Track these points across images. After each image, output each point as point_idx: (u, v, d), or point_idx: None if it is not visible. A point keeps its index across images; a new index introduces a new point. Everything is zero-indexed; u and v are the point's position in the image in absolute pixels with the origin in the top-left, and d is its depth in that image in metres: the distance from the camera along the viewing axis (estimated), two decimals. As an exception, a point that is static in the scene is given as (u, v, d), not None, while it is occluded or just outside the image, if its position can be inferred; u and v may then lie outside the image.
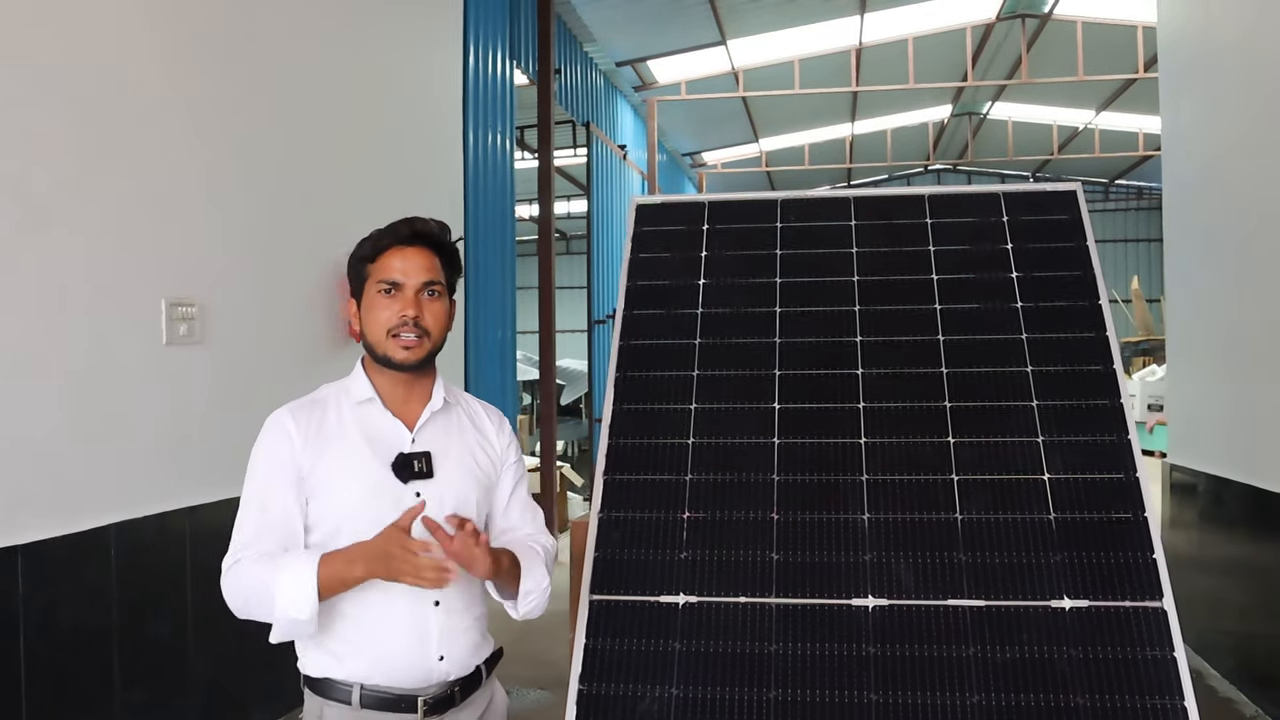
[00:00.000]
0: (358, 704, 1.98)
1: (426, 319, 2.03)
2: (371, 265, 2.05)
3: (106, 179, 3.87)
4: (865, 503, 2.62)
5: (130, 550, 3.89)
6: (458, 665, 2.05)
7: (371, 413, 2.07)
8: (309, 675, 2.06)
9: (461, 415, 2.19)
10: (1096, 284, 2.95)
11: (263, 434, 2.06)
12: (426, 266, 2.05)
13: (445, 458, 2.08)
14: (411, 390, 2.10)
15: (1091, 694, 2.32)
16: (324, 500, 2.00)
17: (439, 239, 2.10)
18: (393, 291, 2.02)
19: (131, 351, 3.96)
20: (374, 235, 2.08)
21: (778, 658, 2.43)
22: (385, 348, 2.02)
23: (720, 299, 3.04)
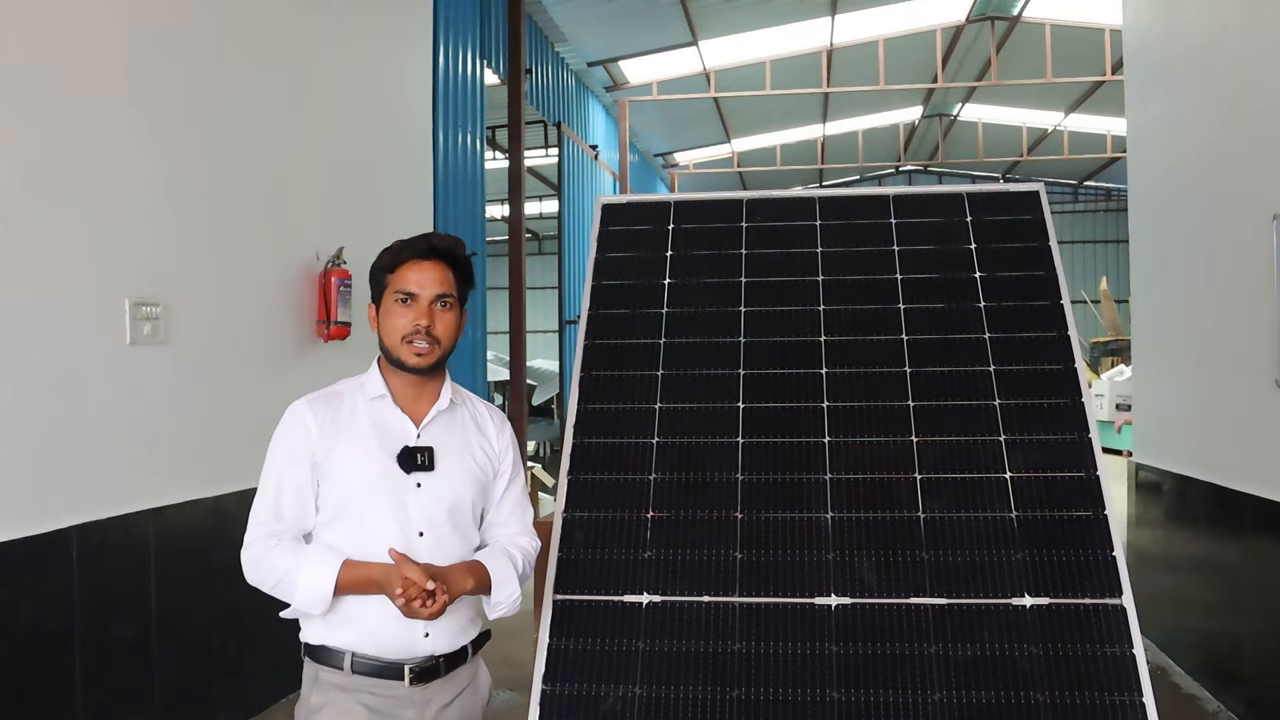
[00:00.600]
0: (349, 669, 2.17)
1: (438, 328, 2.22)
2: (390, 275, 2.25)
3: (70, 179, 3.82)
4: (829, 502, 2.63)
5: (92, 552, 3.85)
6: (443, 642, 2.21)
7: (382, 408, 2.25)
8: (308, 643, 2.24)
9: (466, 416, 2.36)
10: (1059, 284, 2.97)
11: (283, 422, 2.25)
12: (440, 280, 2.23)
13: (447, 454, 2.25)
14: (421, 390, 2.28)
15: (1052, 691, 2.34)
16: (333, 483, 2.18)
17: (454, 254, 2.28)
18: (408, 301, 2.21)
19: (95, 351, 3.92)
20: (395, 247, 2.27)
21: (741, 657, 2.43)
22: (399, 352, 2.22)
23: (685, 299, 3.04)
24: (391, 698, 2.17)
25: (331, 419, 2.22)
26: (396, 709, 2.17)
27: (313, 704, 2.21)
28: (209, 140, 4.62)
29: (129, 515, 4.06)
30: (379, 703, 2.17)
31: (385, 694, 2.17)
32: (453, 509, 2.23)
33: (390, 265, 2.25)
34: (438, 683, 2.21)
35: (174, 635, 4.28)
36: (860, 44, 12.79)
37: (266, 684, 4.99)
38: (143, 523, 4.14)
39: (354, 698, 2.17)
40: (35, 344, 3.64)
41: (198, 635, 4.47)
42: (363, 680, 2.16)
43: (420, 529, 2.19)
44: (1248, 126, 4.82)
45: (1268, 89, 4.60)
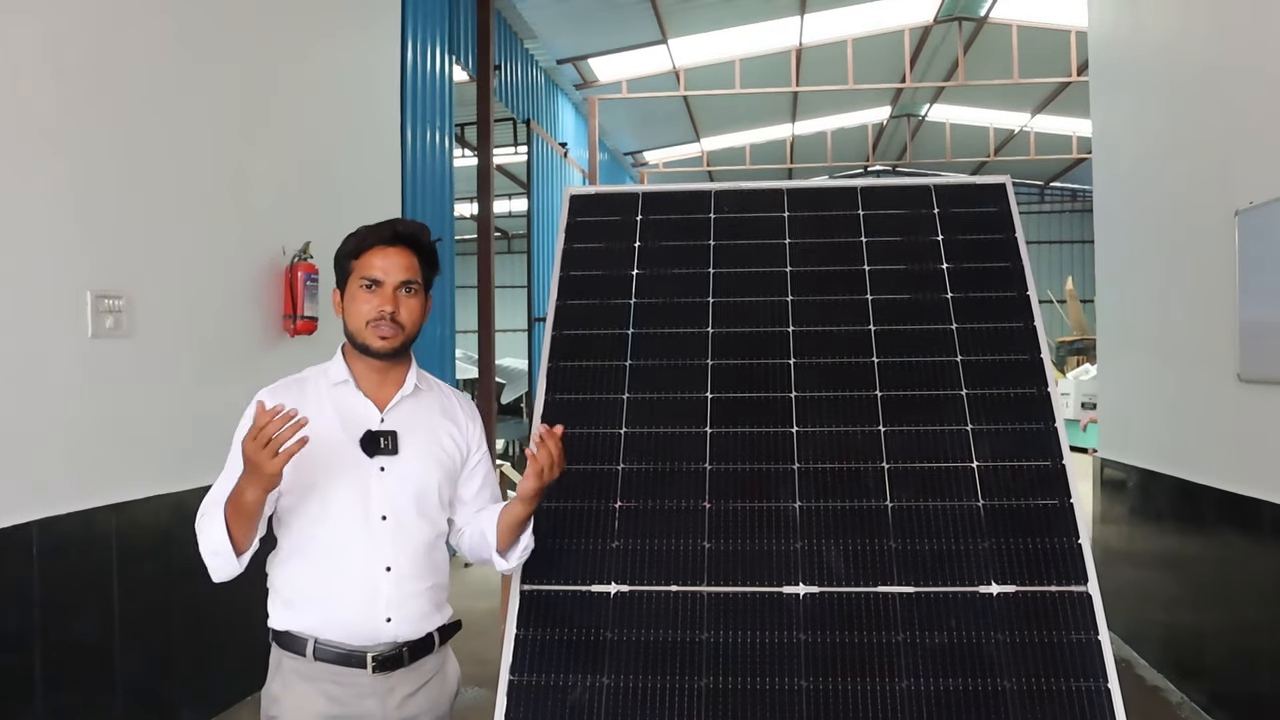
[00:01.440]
0: (311, 656, 2.15)
1: (402, 314, 2.21)
2: (355, 261, 2.23)
3: (31, 168, 3.77)
4: (796, 491, 2.63)
5: (53, 549, 3.79)
6: (406, 629, 2.19)
7: (346, 393, 2.25)
8: (274, 629, 2.23)
9: (433, 402, 2.35)
10: (1025, 275, 2.99)
11: (247, 412, 2.22)
12: (405, 266, 2.22)
13: (411, 438, 2.24)
14: (386, 376, 2.27)
15: (1018, 677, 2.34)
16: (295, 467, 2.09)
17: (419, 240, 2.27)
18: (373, 287, 2.20)
19: (56, 344, 3.86)
20: (360, 233, 2.26)
21: (709, 646, 2.43)
22: (363, 336, 2.21)
23: (653, 289, 3.03)
24: (353, 686, 2.15)
25: (295, 405, 2.16)
26: (357, 699, 2.16)
27: (274, 692, 2.21)
28: (172, 133, 4.56)
29: (91, 510, 4.01)
30: (340, 692, 2.15)
31: (347, 682, 2.15)
32: (417, 493, 2.22)
33: (355, 251, 2.24)
34: (401, 672, 2.19)
35: (137, 633, 4.23)
36: (829, 44, 12.84)
37: (230, 682, 4.93)
38: (105, 519, 4.08)
39: (315, 687, 2.15)
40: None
41: (161, 633, 4.41)
42: (325, 668, 2.15)
43: (383, 513, 2.18)
44: (1211, 124, 4.87)
45: (1230, 87, 4.66)
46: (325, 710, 2.15)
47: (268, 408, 2.12)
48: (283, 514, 2.23)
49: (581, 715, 2.36)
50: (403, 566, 2.19)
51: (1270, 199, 4.19)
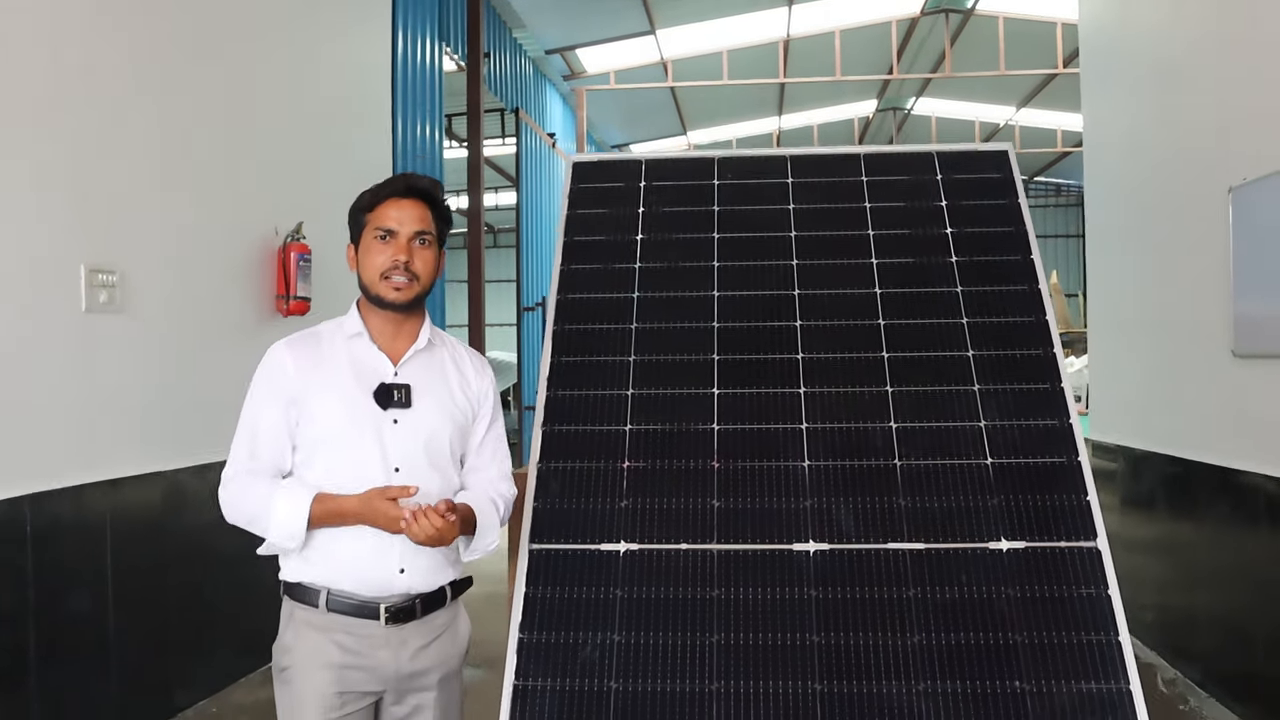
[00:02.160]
0: (324, 607, 2.16)
1: (416, 264, 2.22)
2: (369, 214, 2.24)
3: (25, 142, 3.74)
4: (805, 450, 2.62)
5: (46, 524, 3.75)
6: (419, 580, 2.19)
7: (360, 346, 2.25)
8: (286, 581, 2.23)
9: (445, 357, 2.36)
10: (1028, 239, 2.99)
11: (262, 364, 2.25)
12: (419, 217, 2.24)
13: (425, 392, 2.24)
14: (400, 329, 2.28)
15: (1029, 631, 2.35)
16: (310, 420, 2.18)
17: (432, 193, 2.29)
18: (387, 238, 2.21)
19: (49, 317, 3.83)
20: (373, 188, 2.27)
21: (720, 602, 2.42)
22: (378, 288, 2.21)
23: (658, 254, 3.03)
24: (366, 637, 2.15)
25: (309, 358, 2.23)
26: (371, 649, 2.16)
27: (286, 642, 2.21)
28: (164, 112, 4.53)
29: (84, 486, 3.97)
30: (354, 642, 2.15)
31: (360, 633, 2.15)
32: (430, 446, 2.22)
33: (369, 204, 2.26)
34: (414, 624, 2.19)
35: (130, 611, 4.19)
36: (816, 35, 12.85)
37: (225, 663, 4.90)
38: (98, 495, 4.04)
39: (328, 637, 2.15)
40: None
41: (155, 611, 4.38)
42: (338, 619, 2.15)
43: (396, 464, 2.18)
44: (1204, 103, 4.89)
45: (1223, 65, 4.68)
46: (339, 660, 2.14)
47: (282, 361, 2.23)
48: (297, 466, 2.22)
49: (592, 672, 2.36)
50: None
51: (1264, 174, 4.21)
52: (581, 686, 2.34)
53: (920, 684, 2.29)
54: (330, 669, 2.14)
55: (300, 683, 2.15)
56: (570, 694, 2.33)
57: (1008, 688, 2.28)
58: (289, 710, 2.19)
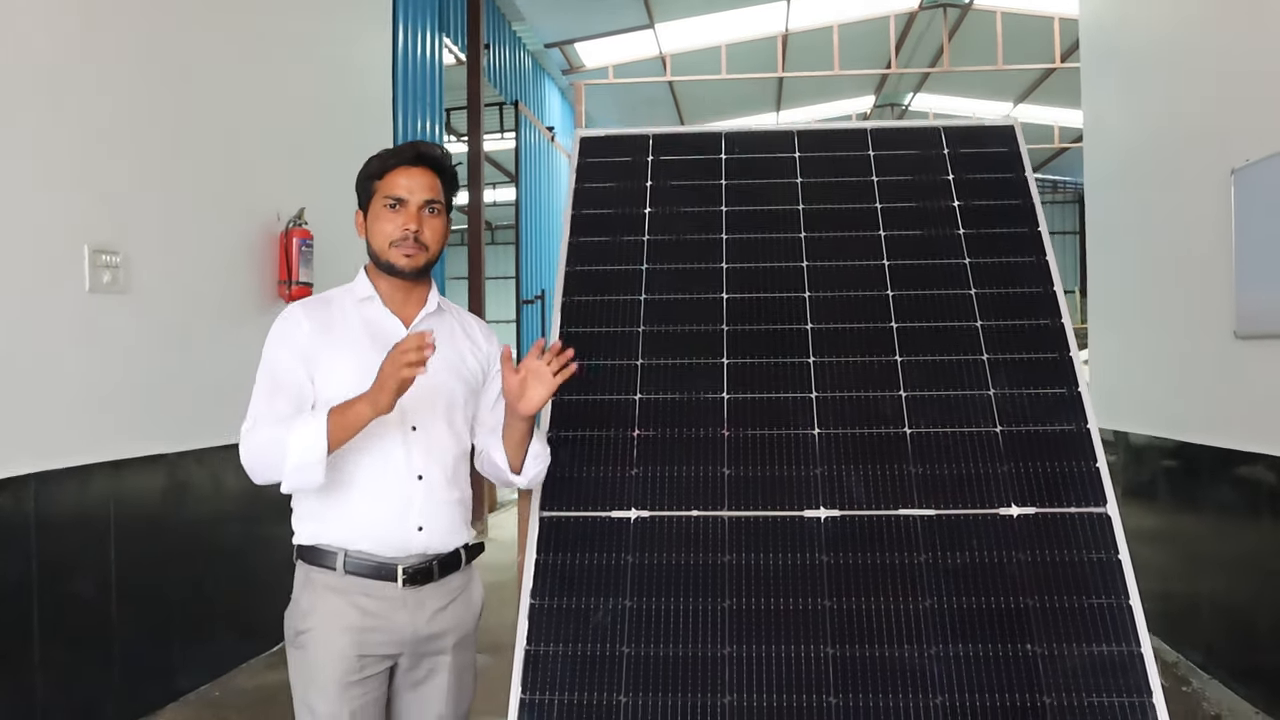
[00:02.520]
0: (342, 569, 2.14)
1: (425, 233, 2.23)
2: (378, 182, 2.24)
3: (30, 121, 3.73)
4: (815, 419, 2.63)
5: (50, 503, 3.75)
6: (436, 540, 2.20)
7: (372, 309, 2.27)
8: (301, 545, 2.22)
9: (453, 322, 2.38)
10: (1035, 212, 3.00)
11: (277, 324, 2.25)
12: (428, 186, 2.24)
13: (436, 354, 2.16)
14: (409, 295, 2.29)
15: (1040, 595, 2.35)
16: (326, 382, 2.17)
17: (441, 162, 2.29)
18: (396, 207, 2.21)
19: (54, 297, 3.83)
20: (382, 155, 2.27)
21: (731, 568, 2.42)
22: (388, 255, 2.22)
23: (666, 227, 3.03)
24: (384, 599, 2.15)
25: (323, 321, 2.23)
26: (389, 611, 2.15)
27: (303, 607, 2.18)
28: (169, 96, 4.54)
29: (88, 466, 3.97)
30: (373, 605, 2.15)
31: (378, 595, 2.15)
32: (445, 406, 2.24)
33: (378, 172, 2.25)
34: (430, 586, 2.20)
35: (133, 594, 4.19)
36: (815, 30, 12.85)
37: (227, 648, 4.90)
38: (102, 476, 4.04)
39: (347, 599, 2.14)
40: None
41: (157, 594, 4.38)
42: (356, 581, 2.14)
43: (413, 424, 2.19)
44: (1206, 87, 4.90)
45: (1227, 49, 4.69)
46: (358, 623, 2.14)
47: (301, 320, 2.22)
48: None
49: (605, 637, 2.36)
50: (434, 476, 2.20)
51: (1266, 155, 4.22)
52: (594, 651, 2.34)
53: (932, 647, 2.30)
54: (350, 632, 2.13)
55: (319, 646, 2.13)
56: (582, 658, 2.33)
57: (1019, 650, 2.29)
58: (307, 675, 2.16)
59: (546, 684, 2.31)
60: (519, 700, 2.29)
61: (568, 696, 2.30)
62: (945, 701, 2.23)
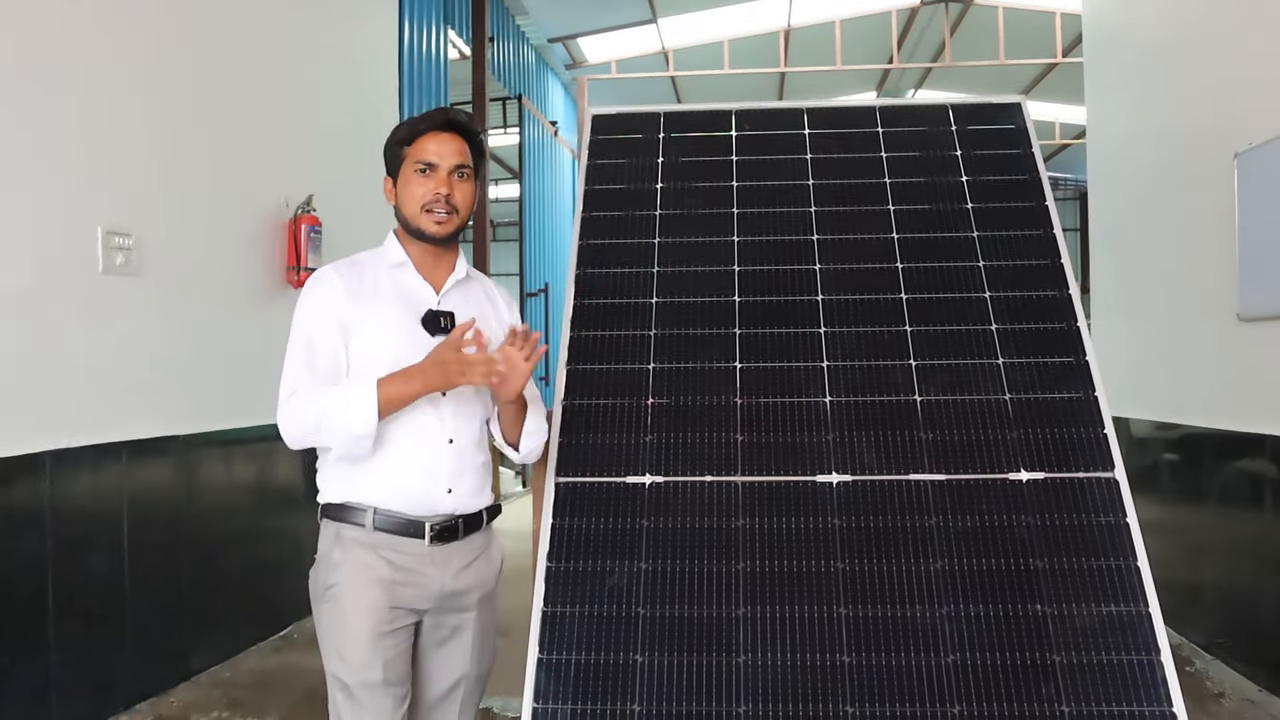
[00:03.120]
0: (371, 526, 2.17)
1: (456, 197, 2.25)
2: (408, 148, 2.26)
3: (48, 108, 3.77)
4: (826, 387, 2.66)
5: (65, 482, 3.79)
6: (463, 501, 2.24)
7: (404, 275, 2.29)
8: (330, 502, 2.23)
9: (479, 289, 2.43)
10: (1042, 186, 3.03)
11: (310, 288, 2.25)
12: (458, 150, 2.25)
13: (464, 318, 2.23)
14: (439, 260, 2.32)
15: (1050, 557, 2.39)
16: (360, 348, 2.19)
17: (469, 127, 2.31)
18: (427, 171, 2.23)
19: (68, 277, 3.87)
20: (411, 121, 2.29)
21: (745, 532, 2.46)
22: (419, 221, 2.24)
23: (677, 201, 3.07)
24: (413, 555, 2.19)
25: (357, 285, 2.24)
26: (418, 565, 2.19)
27: (335, 559, 2.20)
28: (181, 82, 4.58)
29: (102, 446, 4.00)
30: (402, 559, 2.18)
31: (406, 551, 2.18)
32: None
33: (408, 137, 2.27)
34: (455, 544, 2.23)
35: (145, 573, 4.23)
36: (817, 25, 12.89)
37: (237, 630, 4.93)
38: (115, 455, 4.08)
39: (377, 554, 2.18)
40: (8, 265, 3.58)
41: (169, 575, 4.41)
42: (385, 538, 2.18)
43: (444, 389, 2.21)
44: (1209, 75, 4.94)
45: (1228, 32, 4.73)
46: (389, 576, 2.17)
47: (332, 283, 2.23)
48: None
49: (621, 598, 2.39)
50: (463, 440, 2.25)
51: (1269, 138, 4.26)
52: (610, 612, 2.38)
53: (944, 607, 2.33)
54: (381, 584, 2.16)
55: (350, 598, 2.16)
56: (599, 619, 2.37)
57: (1029, 610, 2.32)
58: (338, 625, 2.17)
59: (564, 644, 2.35)
60: (536, 659, 2.33)
61: (585, 656, 2.33)
62: (957, 660, 2.27)
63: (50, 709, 3.71)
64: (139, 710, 4.19)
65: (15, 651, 3.57)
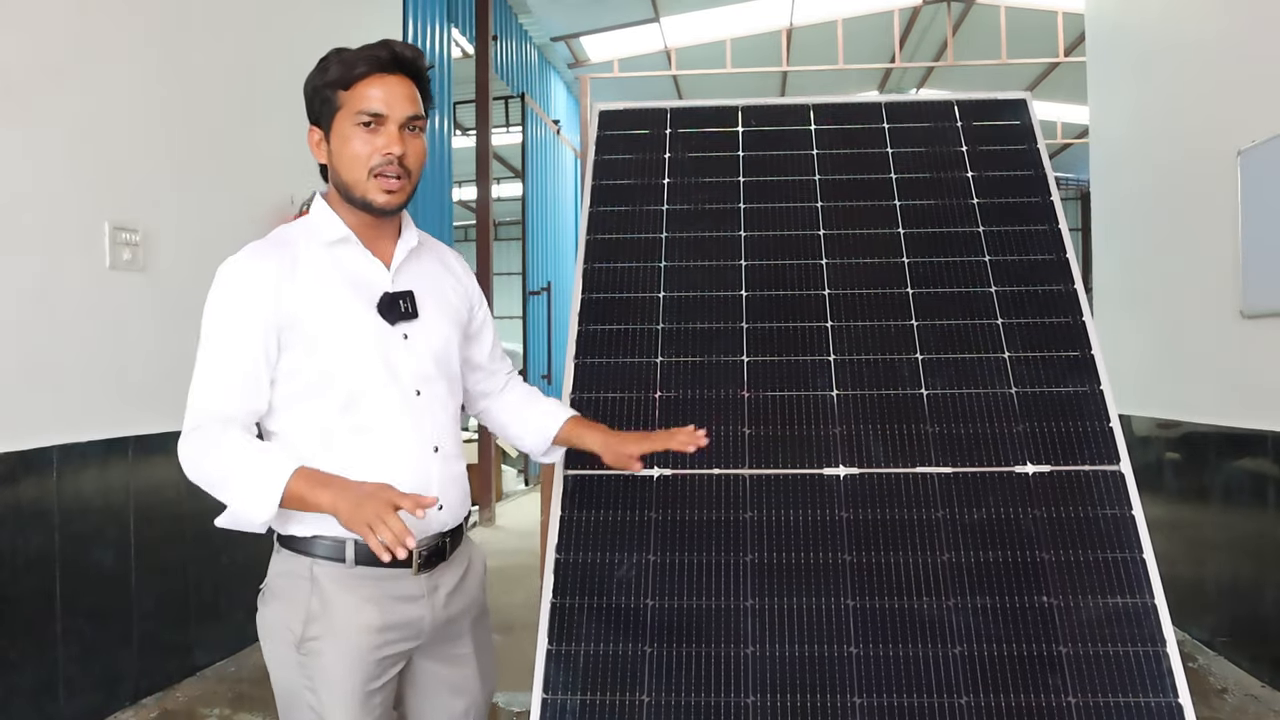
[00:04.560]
0: (352, 560, 1.82)
1: (410, 158, 1.82)
2: (344, 92, 1.79)
3: (56, 103, 3.79)
4: (833, 380, 2.68)
5: (73, 476, 3.80)
6: (452, 515, 1.94)
7: (347, 252, 1.86)
8: (297, 535, 1.84)
9: (432, 256, 2.04)
10: (1048, 182, 3.05)
11: (225, 282, 1.80)
12: (409, 96, 1.81)
13: (425, 297, 1.92)
14: (382, 229, 1.90)
15: (1056, 549, 2.40)
16: (308, 350, 1.79)
17: (420, 67, 1.84)
18: (373, 125, 1.78)
19: (75, 272, 3.88)
20: (343, 57, 1.80)
21: (753, 524, 2.47)
22: (364, 189, 1.81)
23: (684, 197, 3.08)
24: (400, 589, 1.86)
25: (291, 271, 1.80)
26: (404, 604, 1.87)
27: (313, 608, 1.82)
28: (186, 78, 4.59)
29: (109, 440, 4.02)
30: (389, 597, 1.85)
31: (394, 586, 1.86)
32: (444, 360, 1.95)
33: (343, 79, 1.78)
34: (442, 566, 1.93)
35: (152, 569, 4.24)
36: (819, 24, 12.91)
37: (243, 625, 4.92)
38: (122, 450, 4.09)
39: (361, 596, 1.83)
40: (15, 261, 3.60)
41: (175, 570, 4.43)
42: (367, 572, 1.83)
43: (417, 387, 1.88)
44: (1212, 72, 4.95)
45: (1231, 29, 4.74)
46: (377, 620, 1.83)
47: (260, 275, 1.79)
48: (290, 402, 1.81)
49: (629, 590, 2.41)
50: (446, 445, 1.93)
51: (1272, 135, 4.27)
52: (618, 603, 2.39)
53: (951, 599, 2.35)
54: (369, 632, 1.82)
55: (335, 653, 1.80)
56: (607, 610, 2.38)
57: (1036, 602, 2.34)
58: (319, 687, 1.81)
59: (573, 635, 2.36)
60: (546, 650, 2.34)
61: (593, 647, 2.34)
62: (964, 651, 2.28)
63: (57, 703, 3.73)
64: (145, 705, 4.20)
65: (23, 646, 3.58)
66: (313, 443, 1.82)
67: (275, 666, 1.87)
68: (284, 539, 1.88)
